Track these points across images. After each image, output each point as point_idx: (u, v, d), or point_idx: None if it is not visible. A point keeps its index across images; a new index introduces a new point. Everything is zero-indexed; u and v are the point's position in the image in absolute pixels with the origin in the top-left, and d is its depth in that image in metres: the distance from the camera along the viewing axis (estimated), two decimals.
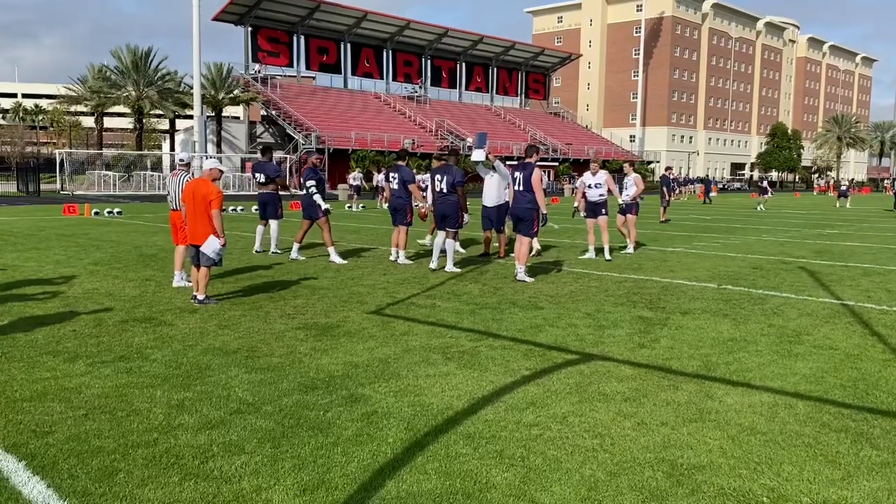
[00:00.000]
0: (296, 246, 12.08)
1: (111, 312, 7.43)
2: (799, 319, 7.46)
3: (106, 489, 3.38)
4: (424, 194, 13.37)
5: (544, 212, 10.00)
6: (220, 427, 4.19)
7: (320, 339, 6.35)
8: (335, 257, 11.65)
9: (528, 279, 9.84)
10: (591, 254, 12.77)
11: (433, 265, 11.03)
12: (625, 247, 13.91)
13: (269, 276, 10.07)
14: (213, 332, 6.58)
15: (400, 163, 12.03)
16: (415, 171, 18.35)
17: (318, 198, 11.68)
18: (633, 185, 13.81)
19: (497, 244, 13.06)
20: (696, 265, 11.94)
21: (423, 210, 12.22)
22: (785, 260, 12.81)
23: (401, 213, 11.77)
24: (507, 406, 4.62)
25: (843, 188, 40.43)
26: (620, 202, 13.73)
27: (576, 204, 13.15)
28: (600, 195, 12.66)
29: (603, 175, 12.76)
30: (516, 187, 10.05)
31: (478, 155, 11.06)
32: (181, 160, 9.62)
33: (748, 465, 3.75)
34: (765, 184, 36.10)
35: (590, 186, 12.66)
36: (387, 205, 13.34)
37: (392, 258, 12.02)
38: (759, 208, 33.61)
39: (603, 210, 12.59)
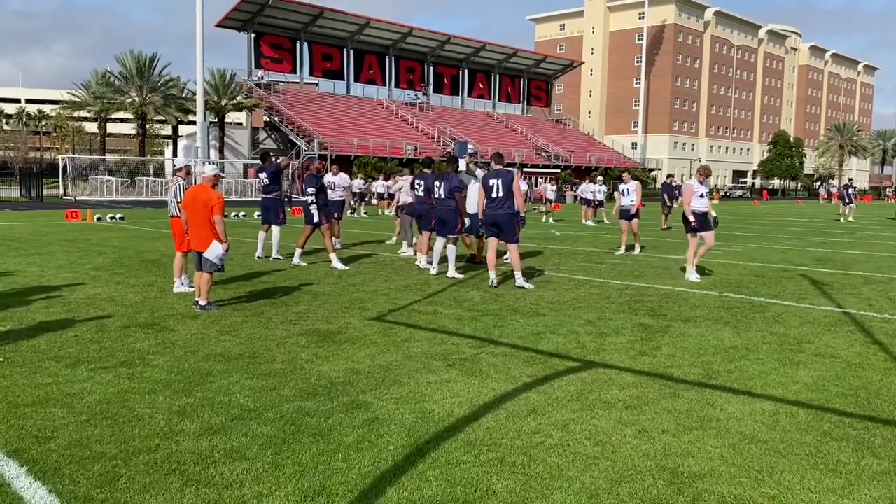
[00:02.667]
0: (298, 252, 12.10)
1: (113, 318, 7.44)
2: (800, 328, 7.46)
3: (107, 495, 3.38)
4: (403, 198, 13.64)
5: (522, 214, 10.06)
6: (222, 433, 4.20)
7: (322, 346, 6.36)
8: (337, 263, 11.66)
9: (527, 285, 9.83)
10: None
11: (433, 271, 11.08)
12: (631, 248, 15.17)
13: (270, 283, 10.08)
14: (214, 338, 6.59)
15: (426, 171, 12.13)
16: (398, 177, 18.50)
17: (313, 208, 11.71)
18: (634, 191, 15.18)
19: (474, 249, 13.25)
20: None
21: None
22: (786, 268, 12.79)
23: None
24: (509, 413, 4.62)
25: (850, 192, 38.35)
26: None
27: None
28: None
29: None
30: (494, 194, 9.79)
31: (458, 164, 11.59)
32: (177, 166, 9.73)
33: (749, 473, 3.75)
34: (851, 192, 31.04)
35: (694, 197, 11.19)
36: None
37: (425, 266, 11.70)
38: (841, 220, 30.07)
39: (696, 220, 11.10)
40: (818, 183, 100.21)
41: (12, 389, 4.97)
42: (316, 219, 11.71)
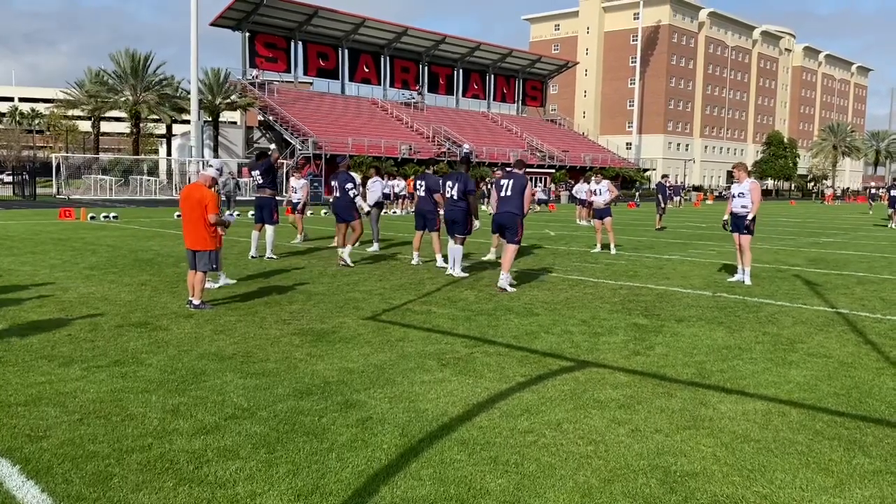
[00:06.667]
0: (348, 248, 11.90)
1: (106, 317, 7.42)
2: (793, 327, 7.49)
3: (100, 494, 3.38)
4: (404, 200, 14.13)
5: (524, 212, 10.26)
6: (215, 432, 4.19)
7: (316, 345, 6.36)
8: (346, 258, 11.71)
9: (510, 288, 9.63)
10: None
11: (449, 271, 11.16)
12: (607, 247, 15.37)
13: (264, 282, 10.07)
14: (208, 338, 6.58)
15: (427, 171, 12.69)
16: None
17: (359, 200, 12.22)
18: (606, 190, 15.67)
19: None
20: (691, 273, 11.98)
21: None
22: (780, 268, 12.84)
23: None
24: (502, 412, 4.63)
25: (874, 191, 39.63)
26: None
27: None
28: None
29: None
30: (503, 194, 9.99)
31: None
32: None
33: (741, 472, 3.76)
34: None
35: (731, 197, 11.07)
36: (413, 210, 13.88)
37: (414, 262, 12.32)
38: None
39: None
40: (812, 184, 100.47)
41: (5, 388, 4.95)
42: (357, 214, 12.12)
